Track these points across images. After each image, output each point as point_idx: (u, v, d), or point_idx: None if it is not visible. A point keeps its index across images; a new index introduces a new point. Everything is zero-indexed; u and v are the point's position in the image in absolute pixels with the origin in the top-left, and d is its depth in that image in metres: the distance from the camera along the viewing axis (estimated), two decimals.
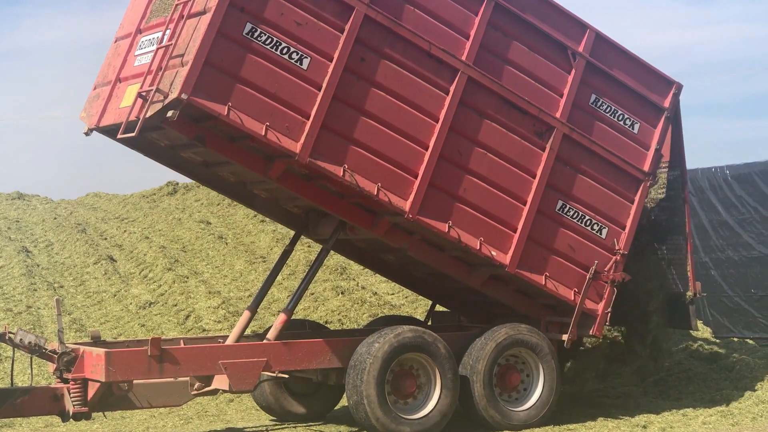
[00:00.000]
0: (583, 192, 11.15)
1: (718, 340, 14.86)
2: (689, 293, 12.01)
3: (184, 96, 9.22)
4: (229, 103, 9.42)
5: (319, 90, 9.78)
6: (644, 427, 10.94)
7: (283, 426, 11.31)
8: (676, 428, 10.91)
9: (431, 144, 10.29)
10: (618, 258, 11.18)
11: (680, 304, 12.04)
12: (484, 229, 10.58)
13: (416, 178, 10.24)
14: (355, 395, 10.11)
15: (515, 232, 10.74)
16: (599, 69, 11.29)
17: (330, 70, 9.82)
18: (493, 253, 10.61)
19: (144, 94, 9.58)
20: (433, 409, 10.35)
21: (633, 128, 11.46)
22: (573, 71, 11.12)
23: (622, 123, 11.41)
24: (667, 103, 11.68)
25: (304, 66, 9.76)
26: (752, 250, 15.44)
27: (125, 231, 21.15)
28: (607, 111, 11.34)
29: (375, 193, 10.02)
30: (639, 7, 61.84)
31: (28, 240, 20.45)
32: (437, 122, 10.33)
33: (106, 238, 20.82)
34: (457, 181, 10.48)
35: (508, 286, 11.26)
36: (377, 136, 10.07)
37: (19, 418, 11.28)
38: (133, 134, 9.61)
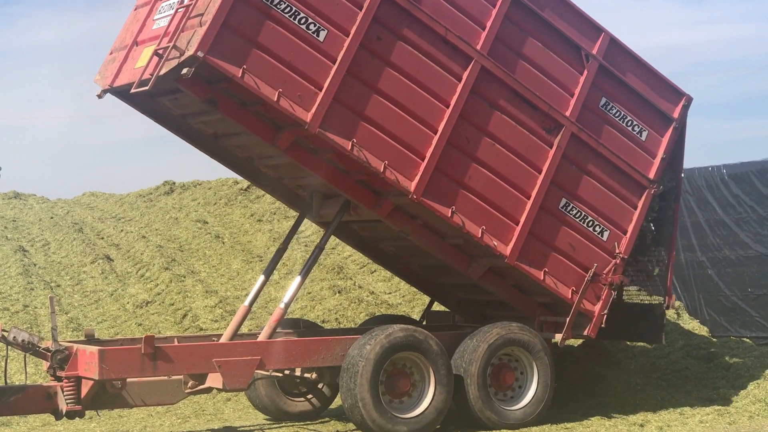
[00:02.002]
0: (587, 192, 11.18)
1: (715, 339, 14.84)
2: (664, 305, 11.91)
3: (200, 54, 9.33)
4: (244, 66, 9.54)
5: (334, 63, 9.91)
6: (641, 425, 10.96)
7: (280, 425, 11.30)
8: (673, 427, 10.92)
9: (440, 128, 10.37)
10: (618, 261, 11.20)
11: (652, 316, 11.95)
12: (486, 219, 10.63)
13: (423, 160, 10.32)
14: (349, 399, 10.10)
15: (517, 224, 10.79)
16: (611, 73, 11.36)
17: (346, 44, 9.95)
18: (494, 243, 10.64)
19: (160, 51, 9.63)
20: (428, 406, 10.35)
21: (641, 135, 11.51)
22: (585, 72, 11.19)
23: (630, 129, 11.46)
24: (676, 114, 11.73)
25: (321, 38, 9.89)
26: (749, 249, 15.42)
27: (122, 230, 21.08)
28: (617, 115, 11.40)
29: (381, 170, 10.09)
30: (634, 7, 61.91)
31: (24, 239, 20.38)
32: (448, 108, 10.42)
33: (102, 238, 20.75)
34: (463, 168, 10.55)
35: (505, 281, 11.28)
36: (387, 115, 10.17)
37: (16, 418, 11.30)
38: (146, 88, 9.68)
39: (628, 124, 11.46)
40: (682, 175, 12.20)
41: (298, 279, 10.79)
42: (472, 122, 10.59)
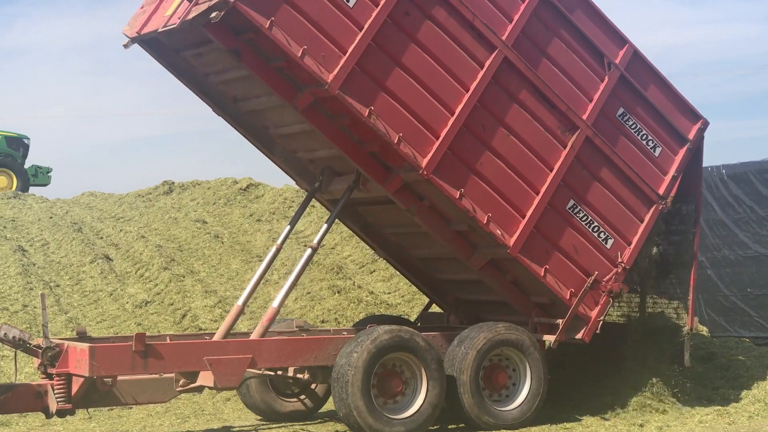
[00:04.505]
0: (595, 198, 11.18)
1: (714, 339, 14.80)
2: (686, 329, 11.94)
3: None
4: (273, 18, 9.66)
5: (360, 30, 10.06)
6: (641, 425, 10.90)
7: (279, 426, 11.25)
8: (672, 427, 10.87)
9: (457, 111, 10.45)
10: (619, 270, 11.17)
11: (676, 338, 11.98)
12: (493, 207, 10.65)
13: (437, 138, 10.39)
14: (343, 408, 10.07)
15: (523, 217, 10.81)
16: (631, 85, 11.41)
17: (374, 14, 10.09)
18: (499, 231, 10.65)
19: None
20: (423, 403, 10.31)
21: (654, 151, 11.53)
22: (606, 79, 11.25)
23: (644, 143, 11.47)
24: (691, 135, 11.74)
25: (351, 4, 10.08)
26: (748, 249, 15.39)
27: (121, 230, 21.07)
28: (633, 127, 11.43)
29: (395, 141, 10.15)
30: (633, 7, 62.02)
31: (24, 239, 20.36)
32: (467, 92, 10.51)
33: (102, 237, 20.74)
34: (476, 153, 10.61)
35: (505, 276, 11.25)
36: (407, 89, 10.28)
37: (15, 417, 11.31)
38: (175, 26, 9.87)
39: (643, 137, 11.48)
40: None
41: (291, 277, 10.74)
42: (489, 110, 10.67)
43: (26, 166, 30.82)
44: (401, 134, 10.20)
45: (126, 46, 10.84)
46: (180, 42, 10.62)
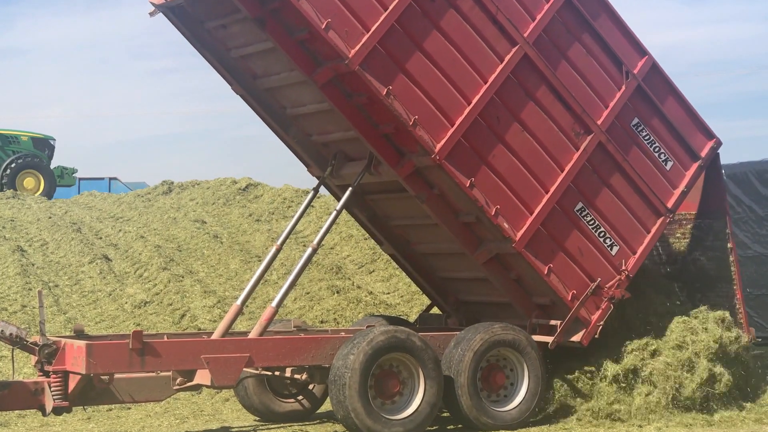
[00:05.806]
0: (604, 204, 11.24)
1: None
2: (745, 340, 11.95)
3: None
4: None
5: (385, 10, 10.19)
6: (640, 426, 10.88)
7: (277, 426, 11.23)
8: (672, 427, 10.83)
9: (474, 101, 10.58)
10: (623, 277, 11.20)
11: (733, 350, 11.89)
12: (502, 200, 10.73)
13: (452, 125, 10.50)
14: (341, 410, 10.05)
15: (531, 214, 10.87)
16: (648, 96, 11.51)
17: None
18: (506, 225, 10.70)
19: None
20: (421, 403, 10.29)
21: (666, 164, 11.61)
22: (623, 88, 11.36)
23: (656, 155, 11.56)
24: (703, 153, 11.82)
25: None
26: (747, 249, 15.37)
27: (120, 230, 21.07)
28: (646, 138, 11.52)
29: (411, 123, 10.24)
30: (634, 7, 62.04)
31: (23, 239, 20.33)
32: (485, 83, 10.64)
33: (101, 238, 20.73)
34: (488, 144, 10.71)
35: (508, 273, 11.26)
36: (426, 74, 10.41)
37: (14, 418, 11.30)
38: None
39: (656, 150, 11.55)
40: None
41: (291, 276, 10.73)
42: (505, 104, 10.78)
43: (52, 167, 30.77)
44: (417, 117, 10.28)
45: (152, 14, 10.98)
46: (205, 12, 10.76)
